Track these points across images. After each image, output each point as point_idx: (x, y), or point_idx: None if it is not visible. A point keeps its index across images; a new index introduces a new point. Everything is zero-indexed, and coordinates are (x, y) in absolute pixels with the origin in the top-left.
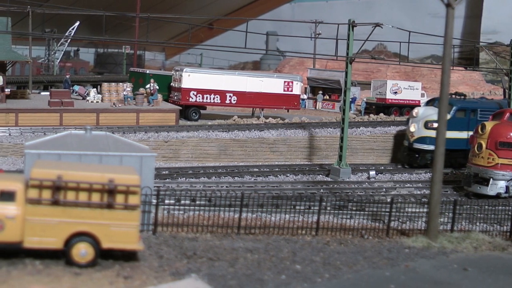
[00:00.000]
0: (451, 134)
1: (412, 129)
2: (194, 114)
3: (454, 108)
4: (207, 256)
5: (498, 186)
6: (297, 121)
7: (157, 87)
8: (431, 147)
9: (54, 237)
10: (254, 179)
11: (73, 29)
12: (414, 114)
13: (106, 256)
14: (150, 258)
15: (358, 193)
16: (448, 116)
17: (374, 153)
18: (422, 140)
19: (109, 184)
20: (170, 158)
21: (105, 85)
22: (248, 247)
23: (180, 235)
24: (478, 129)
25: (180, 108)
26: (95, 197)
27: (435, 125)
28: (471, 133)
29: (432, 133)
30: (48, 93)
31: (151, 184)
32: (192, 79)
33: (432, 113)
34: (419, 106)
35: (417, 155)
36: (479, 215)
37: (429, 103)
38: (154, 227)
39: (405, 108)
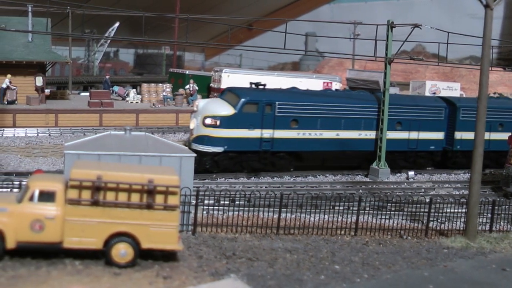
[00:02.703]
0: (236, 133)
1: (191, 125)
2: None
3: (241, 100)
4: (246, 256)
5: None
6: None
7: (197, 87)
8: (209, 149)
9: (93, 237)
10: (293, 180)
11: (112, 30)
12: (195, 107)
13: (145, 256)
14: (190, 258)
15: (397, 193)
16: (232, 111)
17: None
18: (200, 139)
19: (149, 184)
20: None
21: (144, 85)
22: (287, 247)
23: (220, 235)
24: None
25: None
26: (135, 198)
27: (218, 122)
28: (266, 132)
29: (211, 132)
30: (87, 93)
31: (191, 185)
32: (232, 80)
33: (214, 107)
34: None
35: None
36: None
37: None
38: (194, 228)
39: None
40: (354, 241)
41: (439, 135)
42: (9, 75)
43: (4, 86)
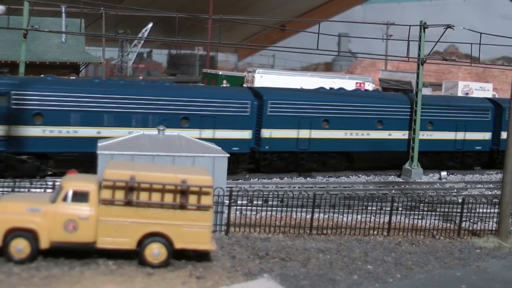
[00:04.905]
0: None
1: None
2: None
3: None
4: (279, 256)
5: None
6: None
7: None
8: None
9: (127, 237)
10: (326, 180)
11: (146, 30)
12: None
13: (178, 256)
14: (223, 258)
15: (430, 193)
16: None
17: None
18: None
19: (182, 184)
20: None
21: None
22: (320, 248)
23: (253, 235)
24: None
25: None
26: (168, 198)
27: None
28: None
29: None
30: None
31: (224, 185)
32: (265, 80)
33: None
34: None
35: None
36: None
37: None
38: (227, 228)
39: None
40: (387, 241)
41: (245, 134)
42: (42, 76)
43: None
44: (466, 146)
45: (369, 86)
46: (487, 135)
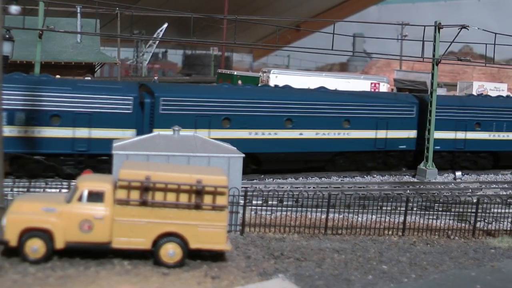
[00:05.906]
0: None
1: None
2: None
3: None
4: (294, 256)
5: None
6: None
7: None
8: None
9: (142, 237)
10: (341, 180)
11: (161, 31)
12: None
13: (194, 256)
14: (238, 258)
15: (444, 193)
16: None
17: None
18: None
19: (197, 185)
20: None
21: None
22: (335, 248)
23: (268, 235)
24: None
25: None
26: (183, 198)
27: None
28: None
29: None
30: None
31: (239, 185)
32: (279, 81)
33: None
34: None
35: None
36: None
37: None
38: (242, 228)
39: None
40: (401, 241)
41: (128, 133)
42: (58, 76)
43: None
44: (389, 145)
45: (384, 87)
46: (411, 133)
